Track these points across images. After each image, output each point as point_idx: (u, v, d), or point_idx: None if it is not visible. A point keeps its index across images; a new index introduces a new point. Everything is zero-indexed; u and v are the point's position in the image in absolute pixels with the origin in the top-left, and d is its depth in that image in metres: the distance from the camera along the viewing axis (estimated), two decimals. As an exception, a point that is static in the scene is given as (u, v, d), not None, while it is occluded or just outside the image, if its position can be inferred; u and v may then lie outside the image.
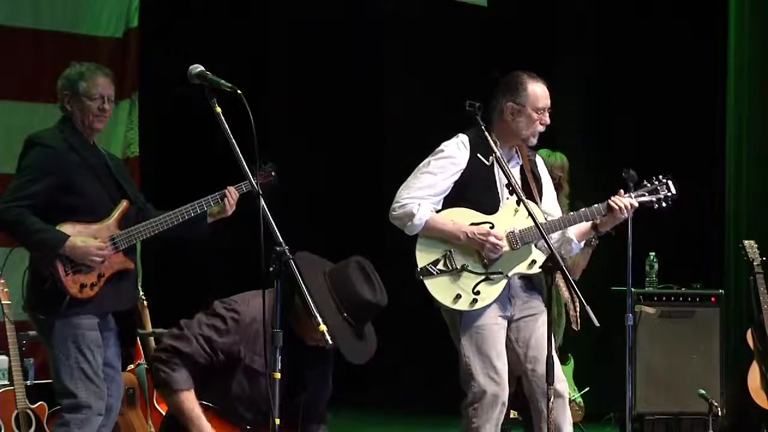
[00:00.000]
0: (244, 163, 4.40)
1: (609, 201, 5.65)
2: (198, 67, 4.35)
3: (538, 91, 5.67)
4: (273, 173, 5.66)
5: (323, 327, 4.01)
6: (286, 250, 4.04)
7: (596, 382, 8.61)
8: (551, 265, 5.32)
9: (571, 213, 5.72)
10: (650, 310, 8.11)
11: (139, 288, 5.82)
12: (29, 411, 6.29)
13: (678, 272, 8.52)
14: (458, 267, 5.52)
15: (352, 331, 4.36)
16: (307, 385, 4.53)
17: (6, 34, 8.50)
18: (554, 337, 6.86)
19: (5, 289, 6.42)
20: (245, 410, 4.46)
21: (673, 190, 5.74)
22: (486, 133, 5.50)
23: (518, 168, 5.73)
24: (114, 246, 5.39)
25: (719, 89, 9.63)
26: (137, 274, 5.61)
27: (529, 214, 5.48)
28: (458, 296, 5.51)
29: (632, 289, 6.46)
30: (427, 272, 5.53)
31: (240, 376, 4.46)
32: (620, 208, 5.61)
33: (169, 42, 9.36)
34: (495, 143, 5.44)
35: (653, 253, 8.25)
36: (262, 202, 4.17)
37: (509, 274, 5.58)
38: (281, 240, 4.07)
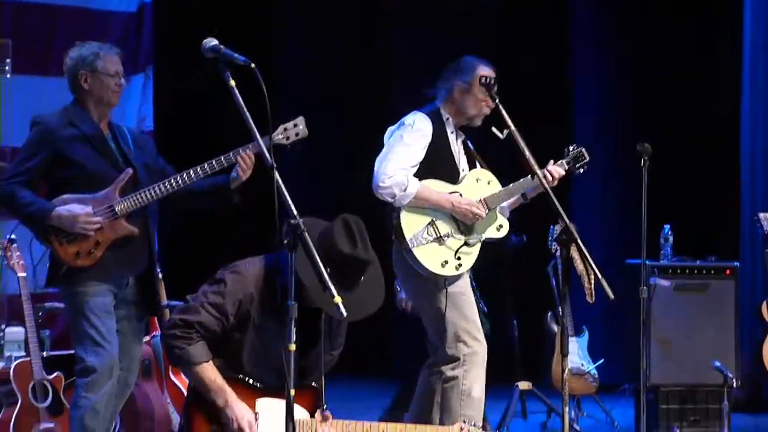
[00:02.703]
0: (259, 137, 4.41)
1: (546, 170, 6.00)
2: (212, 41, 4.36)
3: (486, 73, 5.94)
4: (301, 126, 5.59)
5: (338, 299, 4.02)
6: (300, 223, 4.05)
7: (611, 354, 8.62)
8: (566, 237, 5.35)
9: (521, 180, 6.01)
10: (665, 282, 8.10)
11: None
12: (46, 382, 6.32)
13: (693, 244, 8.50)
14: (442, 234, 5.84)
15: (336, 286, 4.35)
16: (320, 340, 4.54)
17: (19, 9, 8.50)
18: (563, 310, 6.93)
19: (21, 262, 6.45)
20: (259, 371, 4.48)
21: (587, 157, 6.20)
22: (500, 107, 5.67)
23: (461, 142, 6.09)
24: (112, 213, 5.43)
25: (733, 58, 9.57)
26: (149, 241, 5.61)
27: (544, 186, 5.50)
28: (445, 262, 5.84)
29: (647, 262, 6.45)
30: (416, 241, 5.81)
31: (252, 337, 4.47)
32: (554, 178, 6.02)
33: (182, 16, 9.35)
34: (504, 119, 5.57)
35: (668, 226, 8.24)
36: (277, 175, 4.18)
37: (483, 238, 5.95)
38: (295, 213, 4.08)
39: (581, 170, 6.20)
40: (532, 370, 8.38)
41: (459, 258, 5.86)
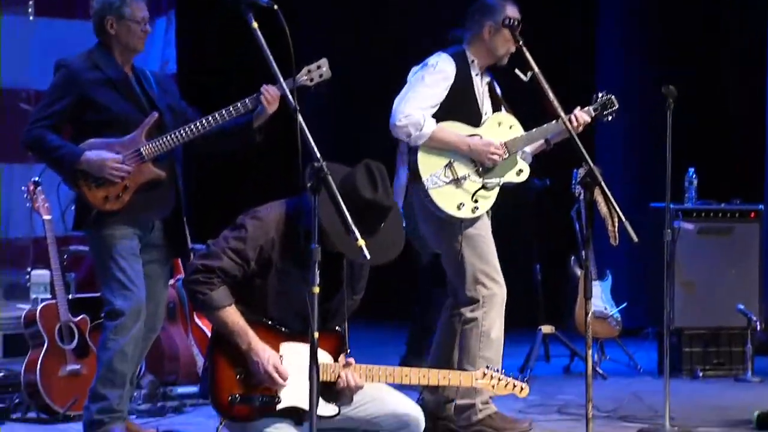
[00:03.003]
0: (282, 79, 4.39)
1: (573, 115, 5.95)
2: (235, -18, 4.33)
3: (511, 14, 5.89)
4: (324, 68, 5.53)
5: (361, 242, 4.03)
6: (324, 166, 4.04)
7: (634, 297, 8.63)
8: (590, 180, 5.33)
9: (544, 125, 5.97)
10: (689, 225, 8.09)
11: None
12: (72, 324, 6.37)
13: (717, 188, 8.47)
14: (459, 177, 5.84)
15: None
16: (343, 284, 4.56)
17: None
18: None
19: (46, 205, 6.47)
20: (282, 316, 4.49)
21: (616, 105, 6.13)
22: (524, 48, 5.62)
23: (486, 84, 6.06)
24: (139, 157, 5.44)
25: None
26: (176, 184, 5.63)
27: (569, 130, 5.48)
28: (461, 204, 5.85)
29: (671, 205, 6.43)
30: (432, 182, 5.81)
31: (274, 283, 4.49)
32: (579, 124, 5.95)
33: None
34: (528, 61, 5.53)
35: (692, 169, 8.21)
36: (300, 118, 4.17)
37: (501, 183, 5.93)
38: (318, 156, 4.07)
39: (609, 118, 6.15)
40: (555, 313, 8.39)
41: (476, 201, 5.86)
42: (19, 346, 6.93)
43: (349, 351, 4.53)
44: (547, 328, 8.10)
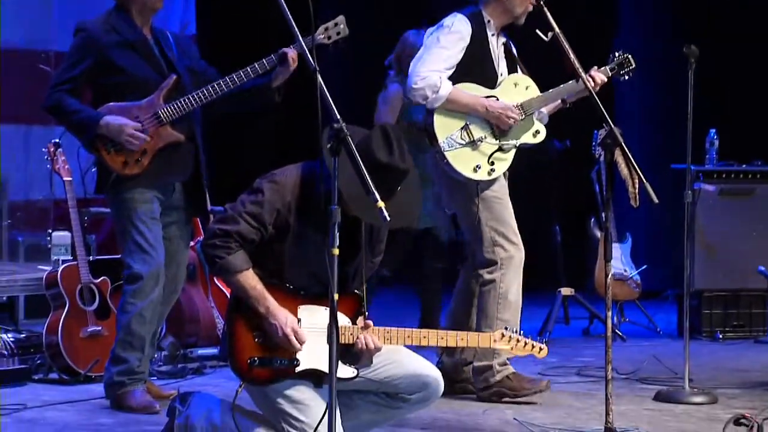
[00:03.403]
0: (300, 38, 4.37)
1: (589, 75, 5.90)
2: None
3: None
4: (342, 25, 5.51)
5: (381, 204, 4.01)
6: (344, 127, 4.02)
7: (654, 260, 8.61)
8: (610, 141, 5.31)
9: (560, 86, 5.95)
10: (710, 187, 8.06)
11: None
12: (93, 286, 6.39)
13: (738, 149, 8.43)
14: (475, 139, 5.82)
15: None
16: (361, 247, 4.55)
17: None
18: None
19: (66, 166, 6.49)
20: (300, 279, 4.49)
21: (633, 64, 6.11)
22: (544, 8, 5.59)
23: (502, 45, 6.04)
24: (157, 120, 5.44)
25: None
26: (195, 146, 5.63)
27: (589, 90, 5.45)
28: (478, 167, 5.83)
29: (692, 167, 6.40)
30: (449, 144, 5.80)
31: (292, 247, 4.48)
32: (596, 83, 5.93)
33: None
34: (549, 21, 5.49)
35: (713, 130, 8.17)
36: (320, 78, 4.14)
37: (518, 144, 5.91)
38: (338, 117, 4.05)
39: (626, 77, 6.13)
40: (574, 276, 8.39)
41: (492, 163, 5.84)
42: (40, 307, 6.96)
43: (367, 313, 4.53)
44: (566, 291, 8.10)
